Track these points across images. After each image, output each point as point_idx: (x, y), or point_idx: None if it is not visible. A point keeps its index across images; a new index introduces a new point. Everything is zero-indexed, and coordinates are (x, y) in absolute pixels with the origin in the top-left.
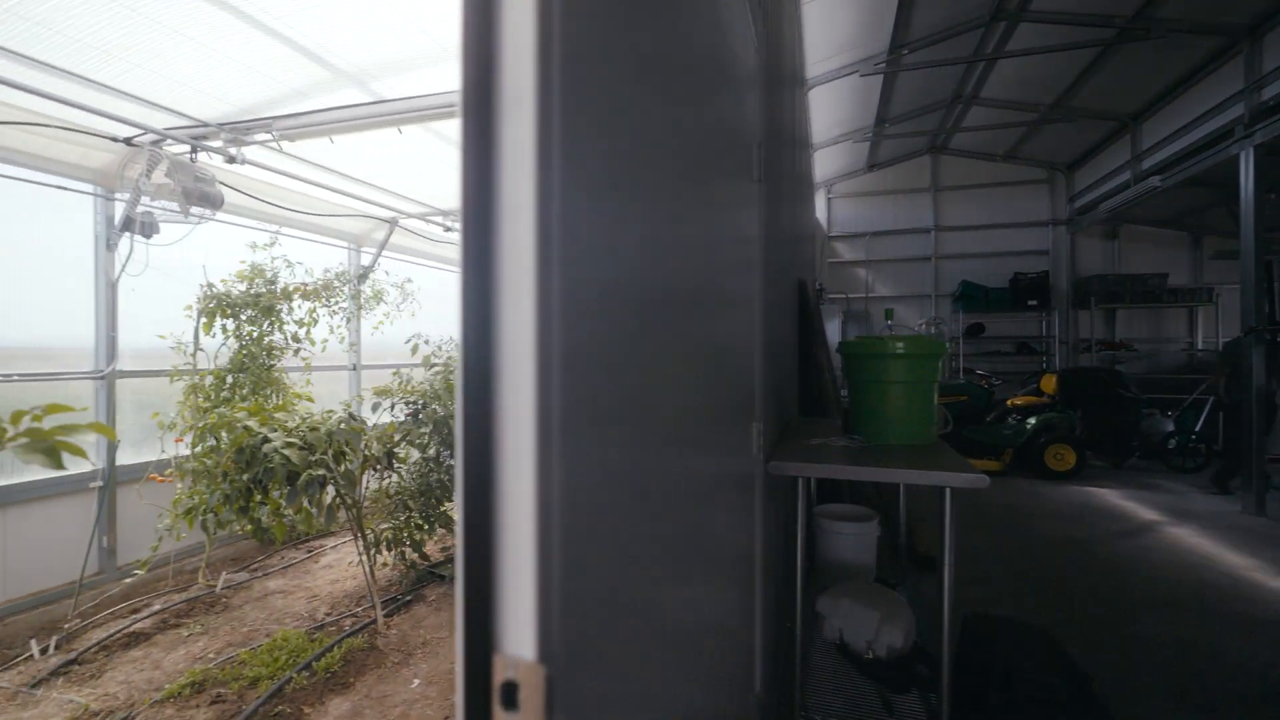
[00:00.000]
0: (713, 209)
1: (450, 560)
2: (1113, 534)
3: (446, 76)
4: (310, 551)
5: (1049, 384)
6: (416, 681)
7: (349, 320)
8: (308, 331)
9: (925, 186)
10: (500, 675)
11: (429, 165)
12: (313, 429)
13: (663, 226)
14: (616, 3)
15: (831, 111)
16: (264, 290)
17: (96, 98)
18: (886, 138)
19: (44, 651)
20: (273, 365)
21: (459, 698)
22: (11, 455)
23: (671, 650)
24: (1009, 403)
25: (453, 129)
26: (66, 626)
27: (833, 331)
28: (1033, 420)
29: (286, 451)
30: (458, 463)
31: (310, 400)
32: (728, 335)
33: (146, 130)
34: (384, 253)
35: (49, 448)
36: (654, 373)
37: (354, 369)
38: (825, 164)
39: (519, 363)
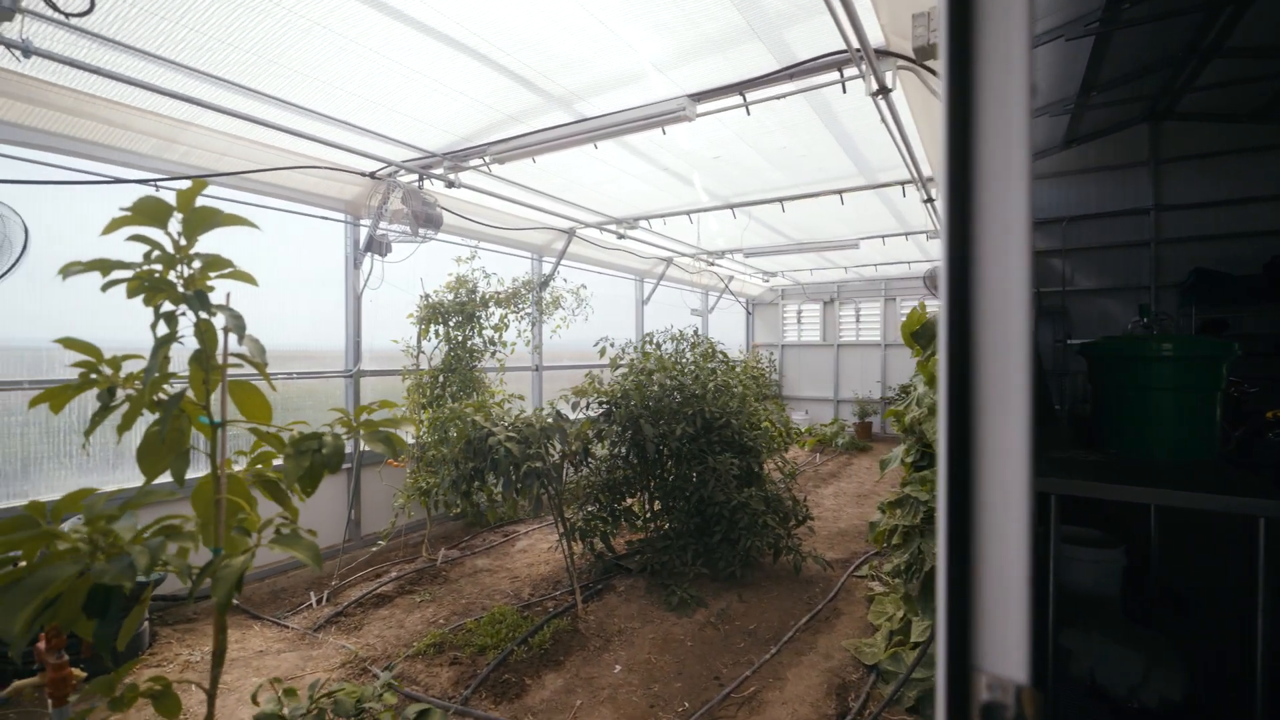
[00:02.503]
0: None
1: (634, 554)
2: None
3: (643, 91)
4: (506, 536)
5: None
6: (618, 668)
7: (533, 325)
8: (499, 335)
9: (1142, 160)
10: (982, 694)
11: (612, 175)
12: (528, 425)
13: None
14: None
15: None
16: (466, 299)
17: (354, 139)
18: (1092, 108)
19: (319, 602)
20: (474, 366)
21: (939, 713)
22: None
23: None
24: (1269, 415)
25: (643, 139)
26: (332, 584)
27: None
28: None
29: (509, 445)
30: (940, 461)
31: (522, 399)
32: None
33: (388, 164)
34: (561, 261)
35: (386, 438)
36: None
37: (536, 370)
38: None
39: (1008, 360)
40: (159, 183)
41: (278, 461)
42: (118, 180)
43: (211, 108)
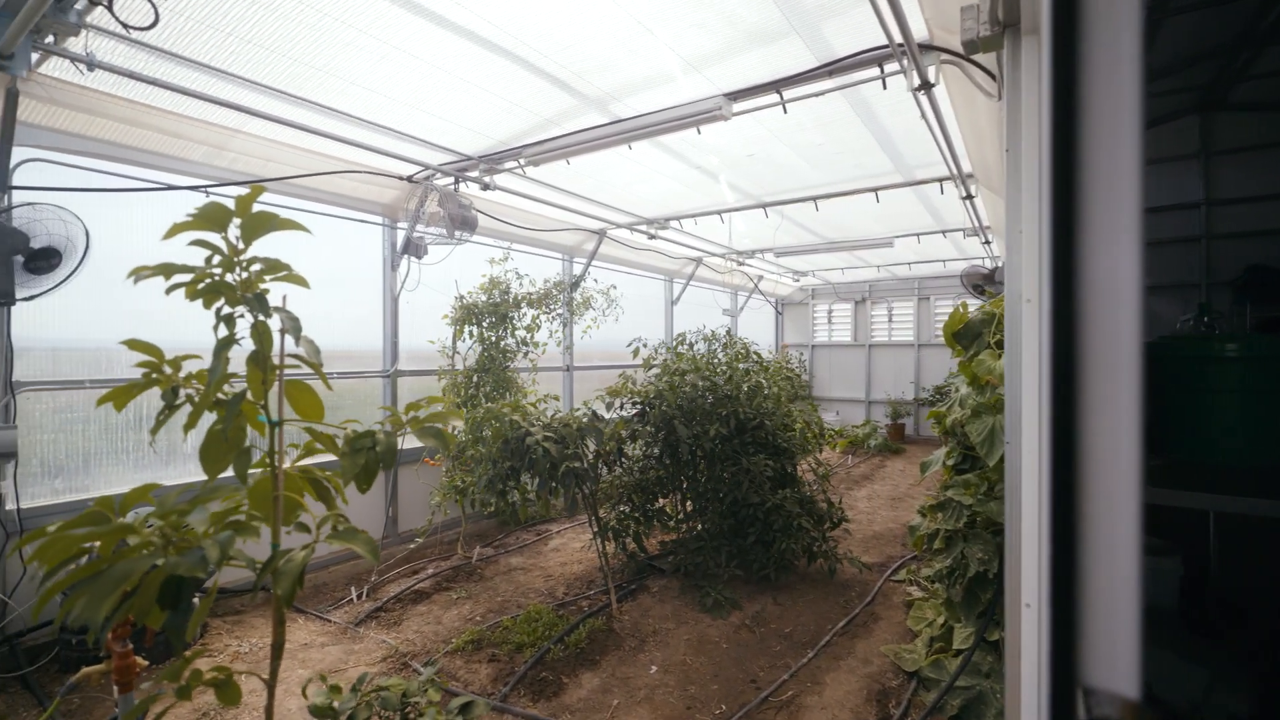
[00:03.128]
0: None
1: (667, 554)
2: None
3: (678, 91)
4: (539, 534)
5: None
6: (654, 668)
7: (564, 325)
8: (532, 336)
9: (1191, 152)
10: (1086, 710)
11: (644, 176)
12: (565, 425)
13: None
14: None
15: None
16: (500, 300)
17: (393, 143)
18: None
19: (359, 597)
20: (507, 366)
21: None
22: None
23: None
24: None
25: (676, 139)
26: (372, 580)
27: None
28: None
29: (546, 444)
30: (1041, 465)
31: (556, 399)
32: None
33: (425, 167)
34: (592, 262)
35: (438, 432)
36: None
37: (567, 370)
38: None
39: (1118, 359)
40: (209, 189)
41: (325, 459)
42: (170, 187)
43: (259, 115)
